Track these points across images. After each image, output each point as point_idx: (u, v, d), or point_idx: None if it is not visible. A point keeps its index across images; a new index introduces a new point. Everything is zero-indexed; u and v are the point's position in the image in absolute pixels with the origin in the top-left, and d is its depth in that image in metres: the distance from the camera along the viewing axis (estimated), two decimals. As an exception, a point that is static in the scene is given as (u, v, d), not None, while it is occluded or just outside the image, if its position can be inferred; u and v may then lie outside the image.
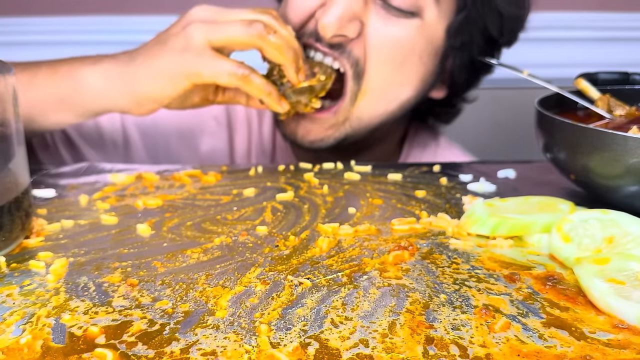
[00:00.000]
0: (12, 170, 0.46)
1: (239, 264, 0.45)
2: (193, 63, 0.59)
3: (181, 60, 0.60)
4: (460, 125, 0.96)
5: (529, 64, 0.81)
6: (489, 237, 0.49)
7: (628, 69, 0.68)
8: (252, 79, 0.60)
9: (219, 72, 0.59)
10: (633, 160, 0.48)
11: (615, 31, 1.29)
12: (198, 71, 0.59)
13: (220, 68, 0.59)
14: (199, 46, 0.59)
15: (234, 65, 0.59)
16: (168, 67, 0.60)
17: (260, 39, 0.58)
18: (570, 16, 1.29)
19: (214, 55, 0.59)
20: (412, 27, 0.67)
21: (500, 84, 1.26)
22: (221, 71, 0.59)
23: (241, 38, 0.59)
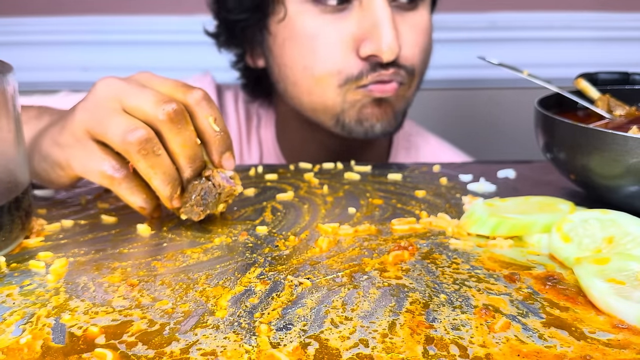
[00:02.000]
0: (12, 170, 0.46)
1: (239, 264, 0.45)
2: (66, 154, 0.50)
3: (57, 149, 0.50)
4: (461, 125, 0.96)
5: (529, 64, 0.81)
6: (489, 237, 0.49)
7: (628, 69, 0.68)
8: (127, 190, 0.49)
9: (89, 170, 0.49)
10: (633, 160, 0.48)
11: (615, 31, 1.29)
12: (68, 163, 0.50)
13: (92, 166, 0.48)
14: (77, 133, 0.49)
15: (109, 165, 0.48)
16: (49, 154, 0.51)
17: (132, 157, 0.47)
18: (570, 16, 1.29)
19: (90, 144, 0.48)
20: (423, 11, 0.72)
21: (500, 84, 1.26)
22: (91, 170, 0.49)
23: (115, 145, 0.47)
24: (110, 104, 0.48)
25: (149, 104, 0.47)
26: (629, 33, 1.30)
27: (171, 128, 0.47)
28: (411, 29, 0.70)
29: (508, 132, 1.32)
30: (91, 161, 0.48)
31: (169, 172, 0.48)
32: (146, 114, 0.47)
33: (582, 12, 1.29)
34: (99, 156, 0.48)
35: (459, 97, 1.28)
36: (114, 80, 0.49)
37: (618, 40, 1.30)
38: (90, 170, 0.49)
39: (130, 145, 0.46)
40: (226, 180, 0.51)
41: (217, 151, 0.50)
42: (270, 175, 0.65)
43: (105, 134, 0.47)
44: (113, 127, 0.47)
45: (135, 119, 0.47)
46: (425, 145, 0.88)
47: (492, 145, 1.30)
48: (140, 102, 0.47)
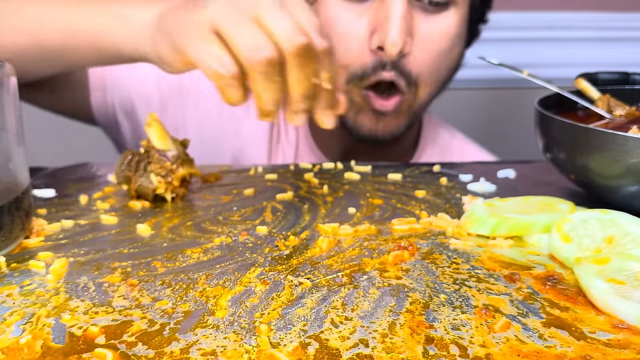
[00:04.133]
0: (12, 170, 0.46)
1: (239, 264, 0.45)
2: (187, 37, 0.50)
3: (181, 29, 0.51)
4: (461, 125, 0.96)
5: (529, 64, 0.81)
6: (489, 237, 0.49)
7: (628, 69, 0.68)
8: (229, 87, 0.49)
9: (202, 60, 0.49)
10: (633, 160, 0.48)
11: (615, 31, 1.30)
12: (187, 49, 0.50)
13: (207, 58, 0.48)
14: (203, 23, 0.48)
15: (225, 63, 0.48)
16: (172, 33, 0.51)
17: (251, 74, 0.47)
18: (570, 16, 1.29)
19: (211, 39, 0.48)
20: (452, 16, 0.71)
21: (500, 84, 1.26)
22: (205, 61, 0.48)
23: (240, 54, 0.47)
24: (247, 10, 0.47)
25: (283, 30, 0.47)
26: (629, 33, 1.30)
27: (295, 62, 0.47)
28: (432, 32, 0.70)
29: (508, 132, 1.32)
30: (208, 53, 0.48)
31: (277, 99, 0.49)
32: (277, 38, 0.47)
33: (582, 12, 1.29)
34: (217, 51, 0.48)
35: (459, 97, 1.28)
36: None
37: (618, 40, 1.30)
38: (203, 61, 0.48)
39: (255, 62, 0.46)
40: (160, 153, 0.56)
41: (319, 104, 0.50)
42: (270, 175, 0.65)
43: (234, 38, 0.47)
44: (245, 37, 0.47)
45: (266, 37, 0.47)
46: (451, 140, 0.88)
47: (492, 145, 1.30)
48: (276, 25, 0.47)
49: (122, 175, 0.56)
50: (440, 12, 0.70)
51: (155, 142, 0.56)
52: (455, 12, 0.71)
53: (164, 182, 0.56)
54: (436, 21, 0.70)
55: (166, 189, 0.56)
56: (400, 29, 0.66)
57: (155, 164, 0.56)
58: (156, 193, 0.56)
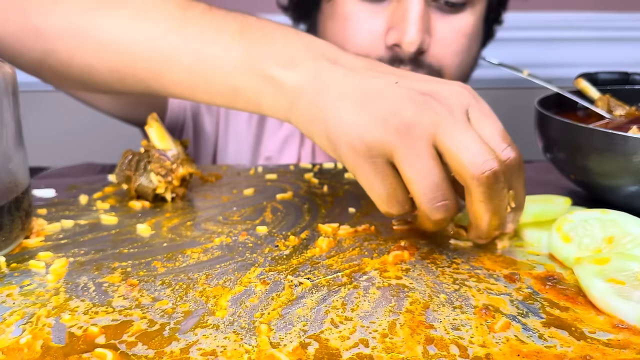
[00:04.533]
0: (12, 170, 0.46)
1: (239, 264, 0.45)
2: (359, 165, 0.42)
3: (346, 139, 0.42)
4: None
5: (529, 64, 0.81)
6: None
7: (628, 69, 0.68)
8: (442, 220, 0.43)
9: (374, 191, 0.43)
10: (633, 160, 0.48)
11: (615, 31, 1.29)
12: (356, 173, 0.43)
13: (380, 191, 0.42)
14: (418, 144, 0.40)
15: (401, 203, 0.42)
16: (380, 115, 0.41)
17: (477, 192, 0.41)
18: (570, 16, 1.29)
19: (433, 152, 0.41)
20: (469, 16, 0.72)
21: (500, 84, 1.26)
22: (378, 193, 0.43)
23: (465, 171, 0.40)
24: (460, 114, 0.40)
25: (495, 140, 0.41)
26: (629, 33, 1.30)
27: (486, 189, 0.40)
28: (450, 31, 0.71)
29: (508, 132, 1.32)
30: (384, 186, 0.42)
31: (503, 218, 0.43)
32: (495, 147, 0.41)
33: (582, 12, 1.29)
34: (395, 184, 0.42)
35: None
36: (468, 91, 0.42)
37: (618, 40, 1.30)
38: (375, 192, 0.42)
39: (484, 176, 0.39)
40: (160, 153, 0.56)
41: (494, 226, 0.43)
42: (270, 175, 0.65)
43: (459, 154, 0.39)
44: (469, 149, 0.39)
45: (490, 148, 0.40)
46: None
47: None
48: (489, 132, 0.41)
49: (122, 175, 0.57)
50: (457, 12, 0.71)
51: (156, 142, 0.57)
52: (472, 12, 0.72)
53: (164, 182, 0.56)
54: (454, 20, 0.71)
55: (166, 188, 0.56)
56: (418, 27, 0.67)
57: (155, 163, 0.56)
58: (156, 193, 0.56)
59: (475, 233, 0.44)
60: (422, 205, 0.41)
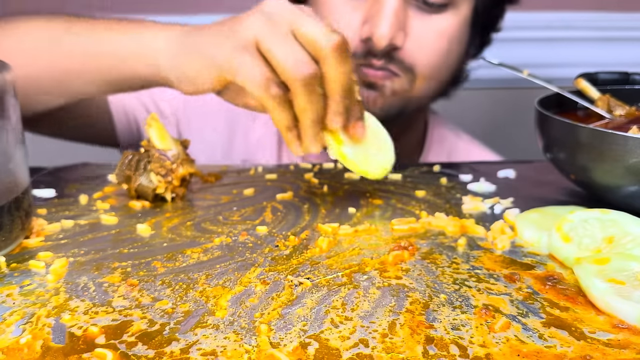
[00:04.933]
0: (12, 170, 0.46)
1: (239, 264, 0.45)
2: (230, 56, 0.51)
3: (221, 47, 0.52)
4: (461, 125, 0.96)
5: (529, 64, 0.81)
6: (488, 237, 0.49)
7: (628, 69, 0.68)
8: (277, 109, 0.50)
9: (248, 80, 0.50)
10: (633, 160, 0.48)
11: (615, 31, 1.29)
12: (232, 68, 0.51)
13: (252, 76, 0.49)
14: (247, 41, 0.50)
15: (267, 84, 0.49)
16: (206, 49, 0.53)
17: (297, 89, 0.49)
18: (570, 16, 1.29)
19: (257, 59, 0.50)
20: (449, 18, 0.72)
21: (500, 84, 1.26)
22: (251, 80, 0.50)
23: (282, 69, 0.48)
24: (284, 25, 0.49)
25: (319, 32, 0.49)
26: (629, 33, 1.30)
27: (335, 59, 0.49)
28: (427, 30, 0.71)
29: (508, 132, 1.32)
30: (255, 70, 0.49)
31: (320, 112, 0.50)
32: (315, 42, 0.49)
33: (582, 12, 1.29)
34: (264, 69, 0.49)
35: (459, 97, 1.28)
36: (285, 1, 0.51)
37: (618, 40, 1.30)
38: (252, 78, 0.49)
39: (298, 77, 0.48)
40: (160, 153, 0.56)
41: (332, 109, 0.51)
42: (270, 175, 0.65)
43: (276, 55, 0.49)
44: (286, 53, 0.48)
45: (305, 52, 0.49)
46: (458, 141, 0.90)
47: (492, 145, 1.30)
48: (312, 30, 0.49)
49: (122, 175, 0.57)
50: (437, 12, 0.71)
51: (156, 142, 0.57)
52: (454, 15, 0.72)
53: (164, 182, 0.56)
54: (432, 21, 0.71)
55: (166, 188, 0.56)
56: (390, 23, 0.67)
57: (155, 163, 0.56)
58: (156, 193, 0.56)
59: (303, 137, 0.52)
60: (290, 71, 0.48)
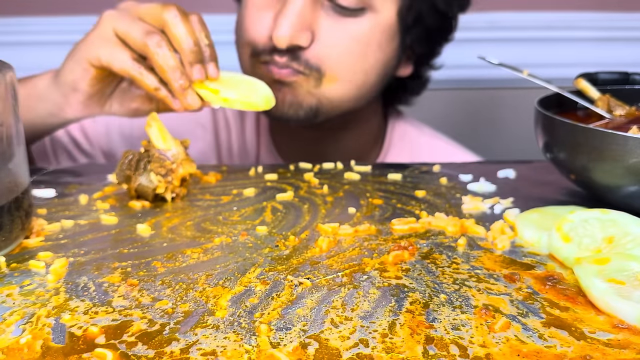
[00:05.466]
0: (12, 170, 0.46)
1: (239, 264, 0.45)
2: (95, 45, 0.61)
3: (86, 42, 0.62)
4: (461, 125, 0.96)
5: (529, 64, 0.81)
6: (488, 237, 0.49)
7: (628, 69, 0.68)
8: (143, 75, 0.60)
9: (114, 59, 0.60)
10: (633, 160, 0.48)
11: (615, 31, 1.29)
12: (96, 53, 0.60)
13: (117, 55, 0.60)
14: (104, 31, 0.60)
15: (129, 56, 0.60)
16: (78, 52, 0.62)
17: (150, 51, 0.58)
18: (570, 16, 1.29)
19: (116, 42, 0.60)
20: (366, 22, 0.71)
21: (500, 84, 1.26)
22: (116, 58, 0.60)
23: (134, 41, 0.59)
24: (131, 12, 0.61)
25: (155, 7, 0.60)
26: (629, 33, 1.30)
27: (172, 20, 0.59)
28: (339, 33, 0.70)
29: (508, 132, 1.32)
30: (117, 51, 0.60)
31: (176, 68, 0.59)
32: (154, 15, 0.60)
33: (582, 12, 1.29)
34: (122, 50, 0.60)
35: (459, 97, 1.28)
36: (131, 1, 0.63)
37: (618, 40, 1.30)
38: (115, 60, 0.60)
39: (148, 42, 0.58)
40: (160, 153, 0.56)
41: (186, 61, 0.60)
42: (270, 175, 0.65)
43: (129, 33, 0.59)
44: (135, 30, 0.59)
45: (150, 25, 0.60)
46: (420, 136, 0.89)
47: (492, 145, 1.30)
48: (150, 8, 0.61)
49: (122, 175, 0.56)
50: (352, 16, 0.69)
51: (156, 142, 0.57)
52: (371, 20, 0.70)
53: (164, 182, 0.56)
54: (346, 24, 0.70)
55: (166, 188, 0.56)
56: (290, 23, 0.67)
57: (155, 162, 0.56)
58: (156, 193, 0.56)
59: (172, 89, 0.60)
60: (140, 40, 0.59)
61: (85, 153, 0.83)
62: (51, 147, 0.81)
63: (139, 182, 0.56)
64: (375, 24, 0.71)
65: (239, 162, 0.87)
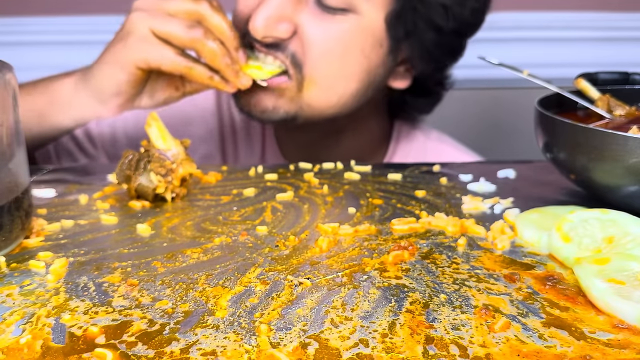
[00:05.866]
0: (12, 170, 0.46)
1: (239, 264, 0.45)
2: (138, 48, 0.62)
3: (127, 47, 0.63)
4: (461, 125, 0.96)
5: (529, 64, 0.81)
6: (488, 237, 0.49)
7: (628, 69, 0.68)
8: (194, 69, 0.62)
9: (162, 59, 0.61)
10: (633, 160, 0.48)
11: (615, 31, 1.29)
12: (143, 56, 0.62)
13: (164, 54, 0.61)
14: (142, 33, 0.61)
15: (177, 54, 0.62)
16: (116, 56, 0.63)
17: (198, 44, 0.61)
18: (570, 16, 1.29)
19: (158, 42, 0.61)
20: (348, 23, 0.69)
21: (500, 84, 1.26)
22: (164, 58, 0.61)
23: (180, 38, 0.61)
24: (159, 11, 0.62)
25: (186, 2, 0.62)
26: (629, 33, 1.30)
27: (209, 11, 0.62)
28: (321, 31, 0.68)
29: (508, 132, 1.32)
30: (162, 52, 0.61)
31: (225, 52, 0.62)
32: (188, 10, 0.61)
33: (582, 12, 1.29)
34: (166, 48, 0.61)
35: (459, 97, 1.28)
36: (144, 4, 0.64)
37: (618, 40, 1.30)
38: (163, 59, 0.61)
39: (193, 36, 0.60)
40: (160, 153, 0.56)
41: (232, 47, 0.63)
42: (270, 175, 0.65)
43: (170, 32, 0.61)
44: (175, 27, 0.60)
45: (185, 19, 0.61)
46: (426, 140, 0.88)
47: (492, 145, 1.30)
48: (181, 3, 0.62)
49: (122, 175, 0.57)
50: (335, 14, 0.68)
51: (155, 142, 0.57)
52: (354, 22, 0.68)
53: (164, 182, 0.56)
54: (328, 22, 0.68)
55: (166, 188, 0.56)
56: (266, 15, 0.66)
57: (155, 162, 0.56)
58: (156, 193, 0.56)
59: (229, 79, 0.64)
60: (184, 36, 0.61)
61: (89, 156, 0.83)
62: (54, 150, 0.81)
63: (139, 182, 0.56)
64: (358, 27, 0.69)
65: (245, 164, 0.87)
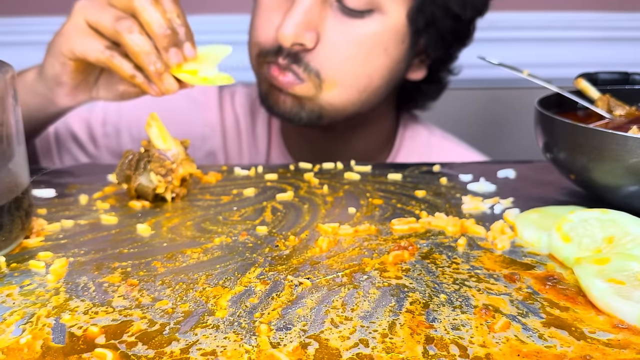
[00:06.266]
0: (12, 170, 0.46)
1: (239, 264, 0.45)
2: (67, 38, 0.60)
3: (59, 36, 0.61)
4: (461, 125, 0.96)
5: (529, 64, 0.81)
6: (488, 237, 0.49)
7: (628, 69, 0.68)
8: (116, 62, 0.59)
9: (86, 49, 0.59)
10: (633, 160, 0.48)
11: (615, 31, 1.29)
12: (69, 46, 0.60)
13: (89, 45, 0.59)
14: (76, 23, 0.60)
15: (102, 45, 0.59)
16: (53, 46, 0.62)
17: (120, 37, 0.57)
18: (570, 16, 1.29)
19: (89, 32, 0.59)
20: (373, 24, 0.70)
21: (500, 84, 1.26)
22: (89, 48, 0.59)
23: (106, 29, 0.58)
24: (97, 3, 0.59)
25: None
26: (629, 33, 1.30)
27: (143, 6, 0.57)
28: (343, 35, 0.69)
29: (508, 132, 1.32)
30: (90, 41, 0.59)
31: (150, 52, 0.57)
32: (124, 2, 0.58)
33: (582, 12, 1.29)
34: (94, 39, 0.59)
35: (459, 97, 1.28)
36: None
37: (618, 40, 1.30)
38: (89, 50, 0.59)
39: (119, 29, 0.57)
40: (160, 153, 0.56)
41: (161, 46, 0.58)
42: (270, 175, 0.65)
43: (99, 22, 0.58)
44: (106, 17, 0.58)
45: (120, 12, 0.58)
46: (430, 137, 0.88)
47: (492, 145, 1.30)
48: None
49: (122, 175, 0.57)
50: (359, 17, 0.69)
51: (156, 142, 0.57)
52: (379, 22, 0.69)
53: (164, 182, 0.56)
54: (351, 26, 0.69)
55: (166, 188, 0.56)
56: (296, 22, 0.67)
57: (155, 162, 0.56)
58: (156, 193, 0.56)
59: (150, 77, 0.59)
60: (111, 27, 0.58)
61: (90, 156, 0.83)
62: (56, 150, 0.81)
63: (139, 182, 0.56)
64: (383, 26, 0.70)
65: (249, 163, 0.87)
